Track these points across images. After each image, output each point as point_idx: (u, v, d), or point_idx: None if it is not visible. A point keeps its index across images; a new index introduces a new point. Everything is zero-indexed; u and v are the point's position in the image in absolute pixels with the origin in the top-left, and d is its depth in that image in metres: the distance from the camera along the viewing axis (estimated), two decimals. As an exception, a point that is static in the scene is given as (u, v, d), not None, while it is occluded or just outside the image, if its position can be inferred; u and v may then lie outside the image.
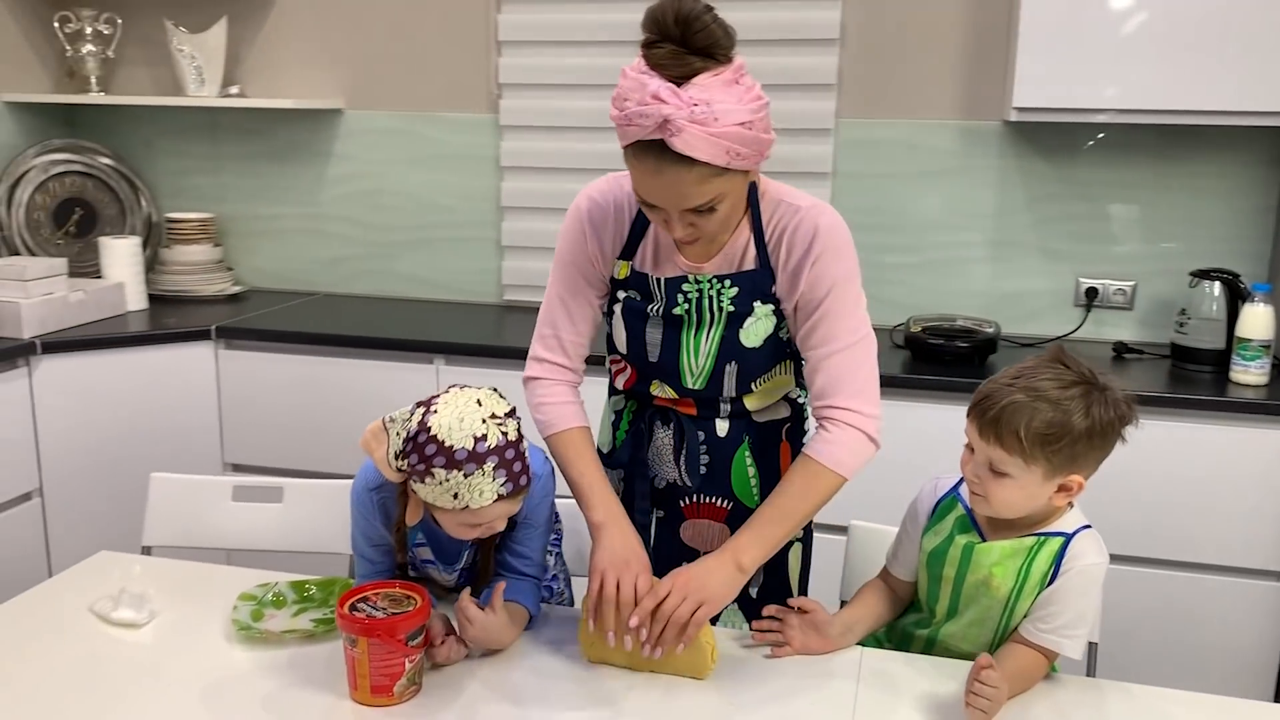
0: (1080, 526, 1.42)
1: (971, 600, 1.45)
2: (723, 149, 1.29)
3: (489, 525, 1.39)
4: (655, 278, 1.52)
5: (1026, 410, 1.32)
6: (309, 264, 3.30)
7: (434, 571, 1.55)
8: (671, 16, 1.27)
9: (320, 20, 3.13)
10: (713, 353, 1.53)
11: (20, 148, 3.12)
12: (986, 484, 1.38)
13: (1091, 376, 1.36)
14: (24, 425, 2.59)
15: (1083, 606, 1.39)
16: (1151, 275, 2.75)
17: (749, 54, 2.79)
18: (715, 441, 1.61)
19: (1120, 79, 2.40)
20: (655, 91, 1.26)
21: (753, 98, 1.31)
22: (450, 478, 1.30)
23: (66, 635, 1.48)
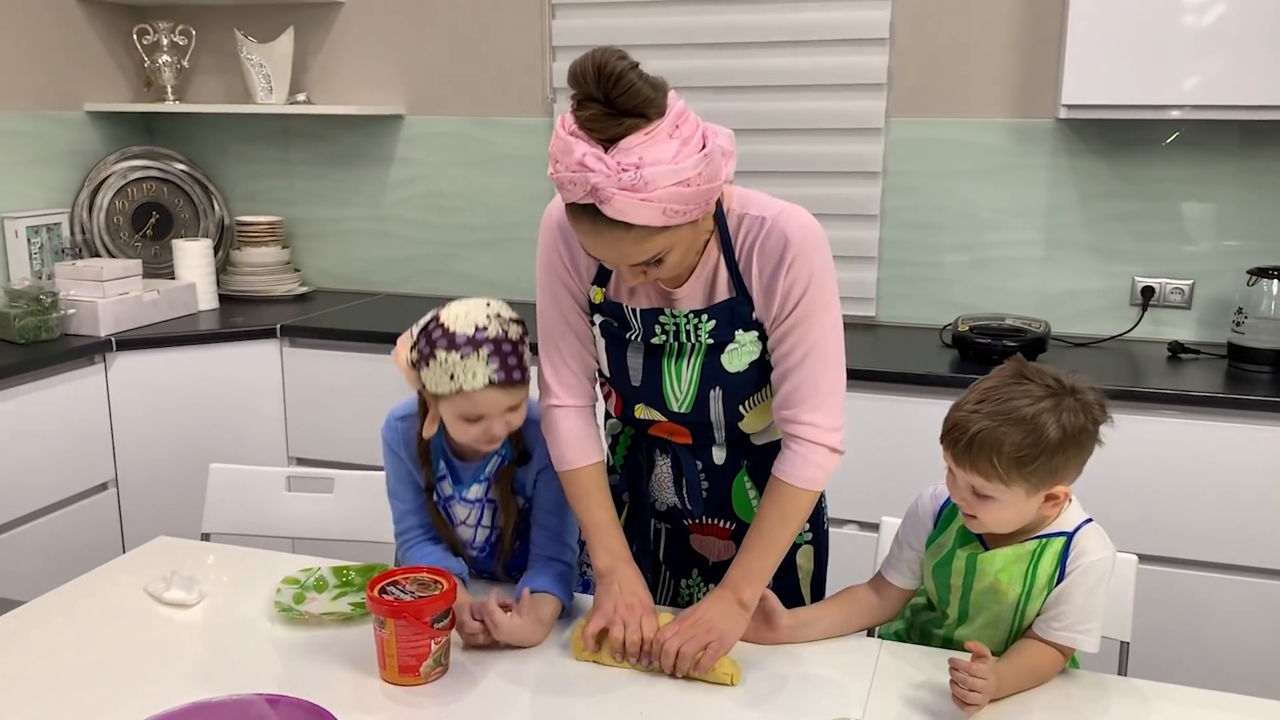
0: (1081, 523, 1.42)
1: (981, 606, 1.46)
2: (658, 210, 1.23)
3: (487, 424, 1.46)
4: (630, 308, 1.48)
5: (996, 435, 1.31)
6: (372, 265, 3.40)
7: (463, 530, 1.61)
8: (593, 76, 1.20)
9: (382, 29, 3.22)
10: (695, 380, 1.50)
11: (101, 155, 3.27)
12: (974, 506, 1.38)
13: (1058, 385, 1.35)
14: (100, 419, 2.73)
15: (1093, 602, 1.39)
16: (1210, 274, 2.70)
17: (800, 55, 2.84)
18: (713, 469, 1.60)
19: (1172, 76, 2.36)
20: (581, 159, 1.21)
21: (691, 150, 1.24)
22: (448, 359, 1.41)
23: (121, 614, 1.57)
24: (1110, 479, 2.30)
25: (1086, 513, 1.44)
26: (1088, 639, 1.40)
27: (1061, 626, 1.39)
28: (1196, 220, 2.69)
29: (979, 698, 1.29)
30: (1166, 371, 2.46)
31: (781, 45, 2.86)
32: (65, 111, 3.18)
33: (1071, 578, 1.39)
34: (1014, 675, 1.36)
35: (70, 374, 2.64)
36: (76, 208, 3.18)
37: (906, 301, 2.92)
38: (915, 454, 1.56)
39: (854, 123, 2.85)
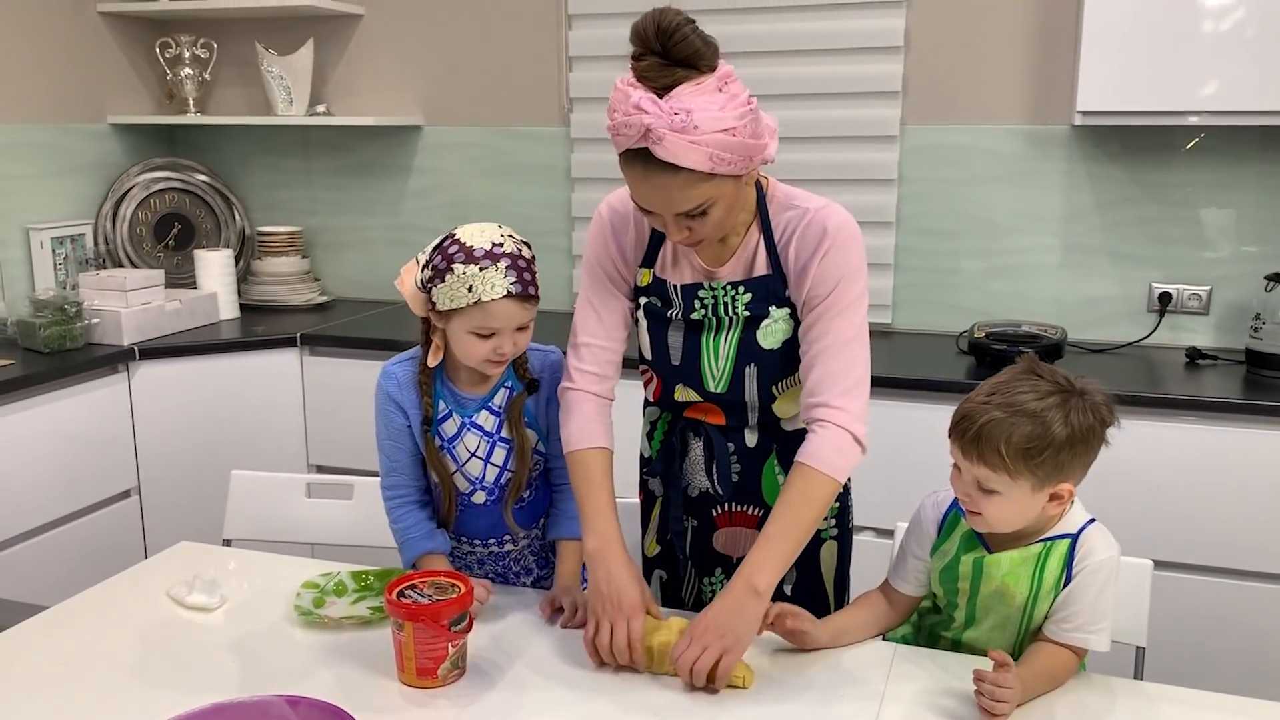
0: (1084, 523, 1.42)
1: (989, 609, 1.46)
2: (705, 155, 1.33)
3: (498, 340, 1.50)
4: (672, 284, 1.57)
5: (1005, 426, 1.32)
6: (391, 274, 3.39)
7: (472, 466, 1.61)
8: (653, 30, 1.32)
9: (400, 41, 3.26)
10: (731, 355, 1.56)
11: (125, 166, 3.32)
12: (978, 502, 1.38)
13: (1068, 384, 1.36)
14: (123, 427, 2.76)
15: (1102, 602, 1.39)
16: (1228, 279, 2.69)
17: (815, 63, 2.86)
18: (745, 452, 1.64)
19: (1187, 81, 2.36)
20: (637, 102, 1.31)
21: (737, 104, 1.35)
22: (467, 271, 1.47)
23: (144, 617, 1.60)
24: (1128, 485, 2.30)
25: (1090, 514, 1.44)
26: (1099, 639, 1.40)
27: (1073, 628, 1.40)
28: (1214, 226, 2.68)
29: (1006, 708, 1.29)
30: (1184, 377, 2.46)
31: (797, 54, 2.87)
32: (89, 124, 3.22)
33: (1079, 579, 1.39)
34: (1034, 680, 1.36)
35: (94, 382, 2.67)
36: (100, 219, 3.23)
37: (923, 308, 2.92)
38: (931, 461, 1.57)
39: (870, 130, 2.86)
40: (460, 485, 1.62)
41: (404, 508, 1.65)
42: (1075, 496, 1.43)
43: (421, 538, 1.65)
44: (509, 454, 1.59)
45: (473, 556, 1.70)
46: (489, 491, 1.62)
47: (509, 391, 1.60)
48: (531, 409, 1.61)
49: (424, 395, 1.60)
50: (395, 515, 1.66)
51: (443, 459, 1.61)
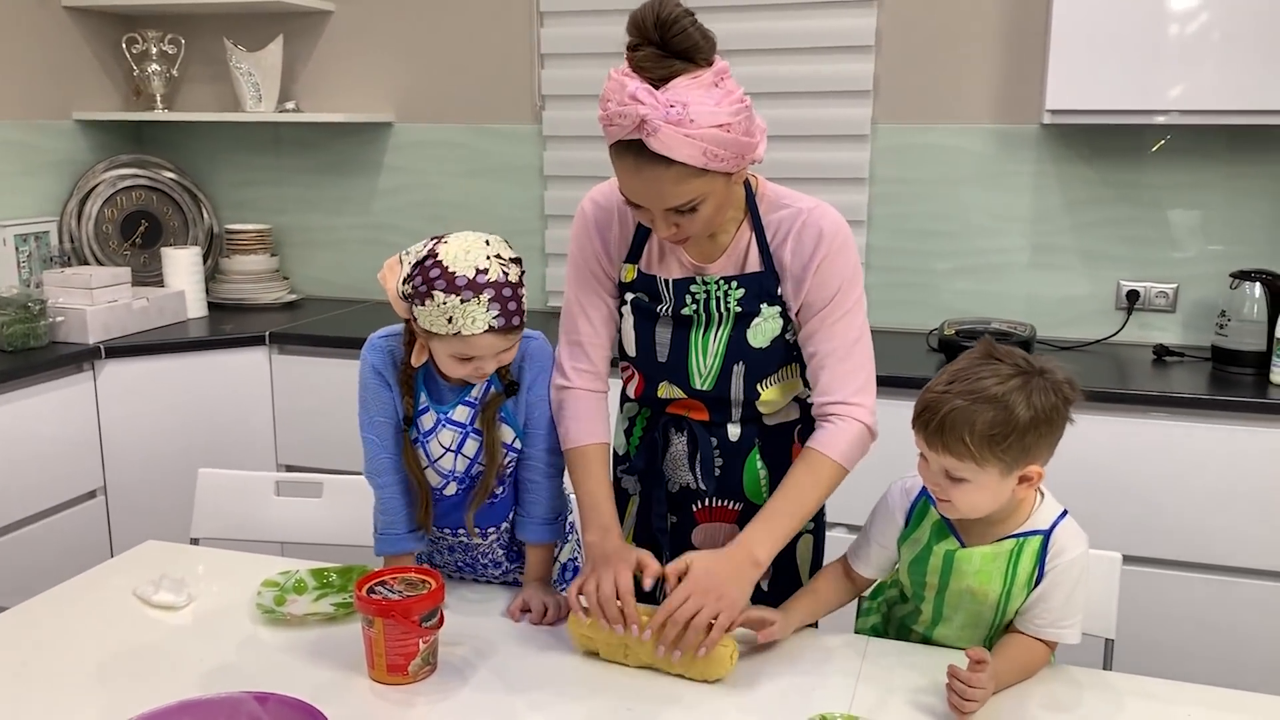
0: (1055, 519, 1.42)
1: (958, 606, 1.46)
2: (699, 149, 1.32)
3: (479, 363, 1.46)
4: (662, 279, 1.56)
5: (968, 414, 1.31)
6: (362, 273, 3.40)
7: (443, 462, 1.58)
8: (651, 20, 1.32)
9: (370, 38, 3.24)
10: (720, 352, 1.56)
11: (90, 163, 3.28)
12: (947, 490, 1.37)
13: (1027, 365, 1.35)
14: (89, 426, 2.72)
15: (1075, 597, 1.40)
16: (1194, 278, 2.72)
17: (787, 62, 2.86)
18: (727, 446, 1.63)
19: (1154, 81, 2.38)
20: (633, 93, 1.30)
21: (732, 101, 1.34)
22: (447, 301, 1.40)
23: (110, 616, 1.57)
24: (1096, 480, 2.32)
25: (1060, 504, 1.44)
26: (1072, 633, 1.41)
27: (1046, 623, 1.41)
28: (1181, 225, 2.71)
29: (974, 706, 1.29)
30: (1152, 374, 2.48)
31: (768, 53, 2.88)
32: (54, 120, 3.18)
33: (1051, 577, 1.40)
34: (1006, 672, 1.37)
35: (59, 381, 2.63)
36: (65, 216, 3.19)
37: (894, 306, 2.94)
38: (902, 456, 1.57)
39: (841, 129, 2.87)
40: (432, 480, 1.60)
41: (391, 488, 1.60)
42: (1045, 489, 1.44)
43: (402, 536, 1.62)
44: (480, 448, 1.57)
45: (443, 543, 1.69)
46: (460, 481, 1.60)
47: (487, 385, 1.57)
48: (510, 406, 1.59)
49: (405, 394, 1.57)
50: (381, 498, 1.62)
51: (415, 453, 1.59)
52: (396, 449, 1.59)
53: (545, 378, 1.61)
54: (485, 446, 1.56)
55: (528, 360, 1.59)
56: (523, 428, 1.60)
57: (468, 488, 1.60)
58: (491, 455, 1.56)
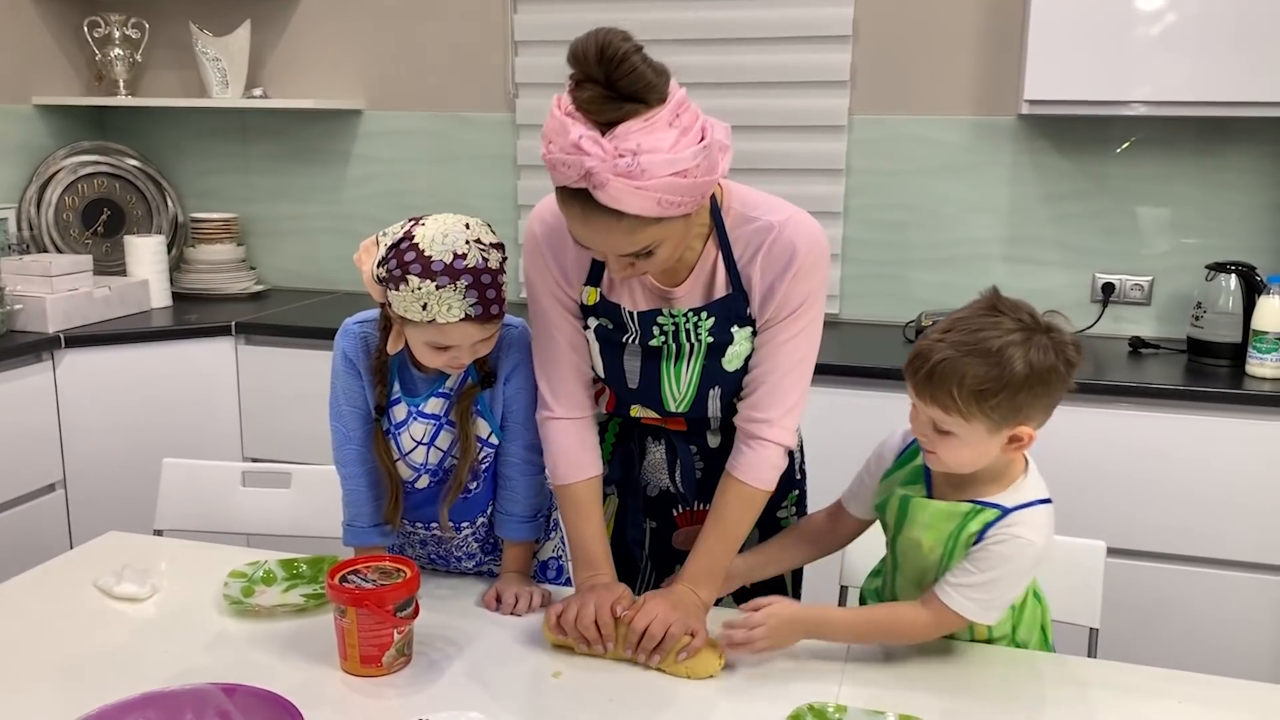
0: (1026, 503, 1.34)
1: (905, 555, 1.43)
2: (653, 200, 1.19)
3: (455, 353, 1.40)
4: (627, 310, 1.45)
5: (958, 367, 1.25)
6: (331, 263, 3.34)
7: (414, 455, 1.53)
8: (594, 56, 1.16)
9: (340, 23, 3.18)
10: (694, 381, 1.49)
11: (50, 149, 3.19)
12: (934, 442, 1.32)
13: (1031, 321, 1.29)
14: (48, 418, 2.65)
15: (999, 575, 1.32)
16: (1170, 270, 2.72)
17: (763, 52, 2.84)
18: (708, 452, 1.59)
19: (1135, 73, 2.38)
20: (576, 141, 1.16)
21: (690, 141, 1.20)
22: (422, 286, 1.33)
23: (71, 609, 1.52)
24: (1072, 472, 2.32)
25: (1046, 494, 1.37)
26: (973, 607, 1.33)
27: (953, 583, 1.33)
28: (1156, 217, 2.71)
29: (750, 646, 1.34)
30: (1128, 366, 2.48)
31: (745, 42, 2.85)
32: (13, 105, 3.10)
33: (986, 542, 1.32)
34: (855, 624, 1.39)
35: (17, 371, 2.56)
36: (24, 203, 3.11)
37: (871, 298, 2.92)
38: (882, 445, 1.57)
39: (818, 120, 2.85)
40: (404, 473, 1.55)
41: (357, 479, 1.56)
42: (1038, 473, 1.40)
43: (368, 529, 1.58)
44: (454, 441, 1.52)
45: (415, 537, 1.64)
46: (433, 475, 1.55)
47: (463, 376, 1.51)
48: (486, 399, 1.53)
49: (377, 383, 1.51)
50: (346, 490, 1.57)
51: (387, 444, 1.53)
52: (364, 440, 1.54)
53: (526, 368, 1.53)
54: (459, 440, 1.51)
55: (506, 349, 1.52)
56: (500, 421, 1.55)
57: (440, 481, 1.55)
58: (465, 449, 1.51)
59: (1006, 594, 1.36)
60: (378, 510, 1.57)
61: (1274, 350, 2.31)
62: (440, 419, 1.51)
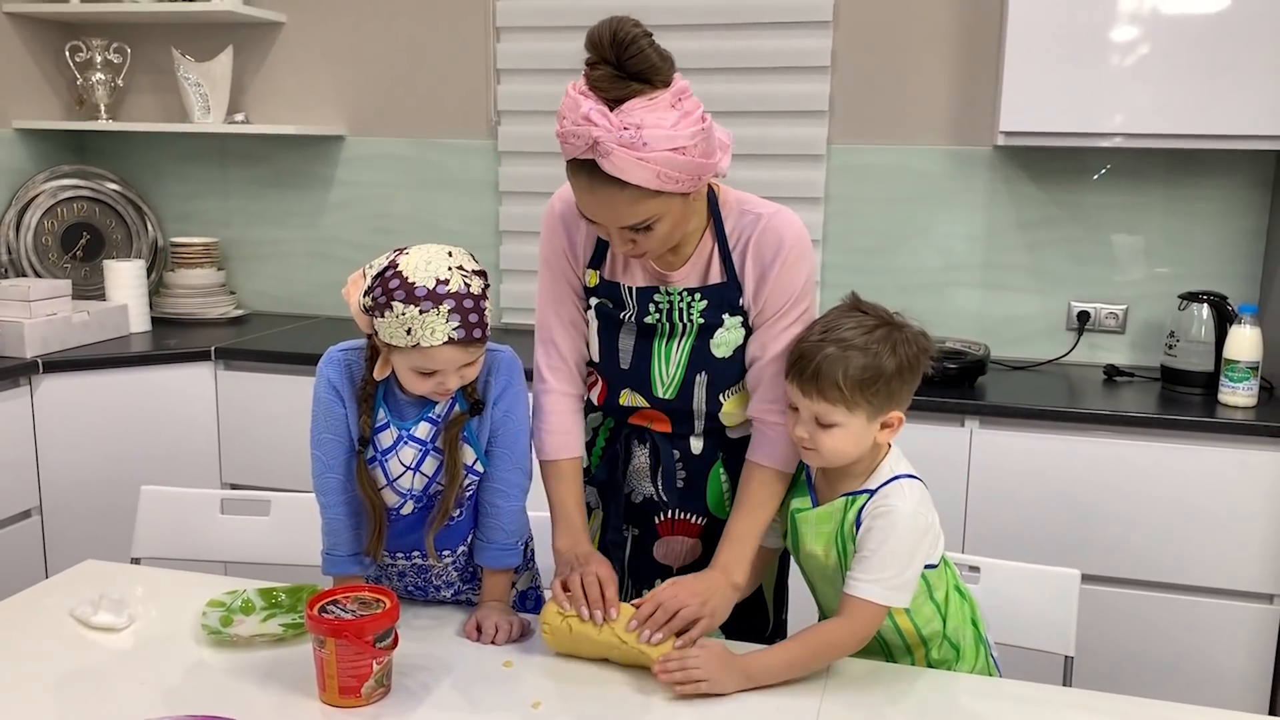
0: (889, 479, 1.44)
1: (813, 572, 1.52)
2: (653, 173, 1.31)
3: (440, 378, 1.42)
4: (626, 286, 1.55)
5: (840, 361, 1.38)
6: (311, 288, 3.35)
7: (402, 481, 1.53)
8: (608, 39, 1.30)
9: (323, 49, 3.19)
10: (683, 362, 1.56)
11: (30, 173, 3.19)
12: (817, 438, 1.42)
13: (889, 318, 1.44)
14: (25, 444, 2.63)
15: (886, 550, 1.40)
16: (1143, 299, 2.76)
17: (743, 82, 2.87)
18: (690, 459, 1.63)
19: (1107, 104, 2.42)
20: (586, 113, 1.29)
21: (690, 122, 1.33)
22: (406, 311, 1.36)
23: (47, 638, 1.51)
24: (1047, 498, 2.34)
25: (909, 470, 1.46)
26: (876, 589, 1.39)
27: (853, 576, 1.41)
28: (1129, 247, 2.75)
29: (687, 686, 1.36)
30: (1102, 394, 2.51)
31: (725, 71, 2.89)
32: (-8, 128, 3.10)
33: (865, 523, 1.42)
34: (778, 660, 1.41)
35: (-7, 396, 2.55)
36: (3, 227, 3.10)
37: (849, 326, 2.94)
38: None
39: (797, 149, 2.88)
40: (389, 500, 1.55)
41: (336, 508, 1.55)
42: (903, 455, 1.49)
43: (347, 558, 1.58)
44: (440, 466, 1.53)
45: (394, 569, 1.64)
46: (417, 500, 1.55)
47: (451, 402, 1.52)
48: (473, 425, 1.54)
49: (362, 413, 1.51)
50: (325, 518, 1.57)
51: (372, 473, 1.53)
52: (344, 469, 1.54)
53: (512, 391, 1.55)
54: (446, 466, 1.52)
55: (494, 373, 1.54)
56: (486, 446, 1.55)
57: (424, 507, 1.55)
58: (453, 477, 1.51)
59: (903, 569, 1.41)
60: (356, 539, 1.57)
61: (1245, 379, 2.34)
62: (427, 445, 1.52)
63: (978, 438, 2.38)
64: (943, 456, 2.39)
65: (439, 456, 1.52)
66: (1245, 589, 2.30)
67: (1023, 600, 1.69)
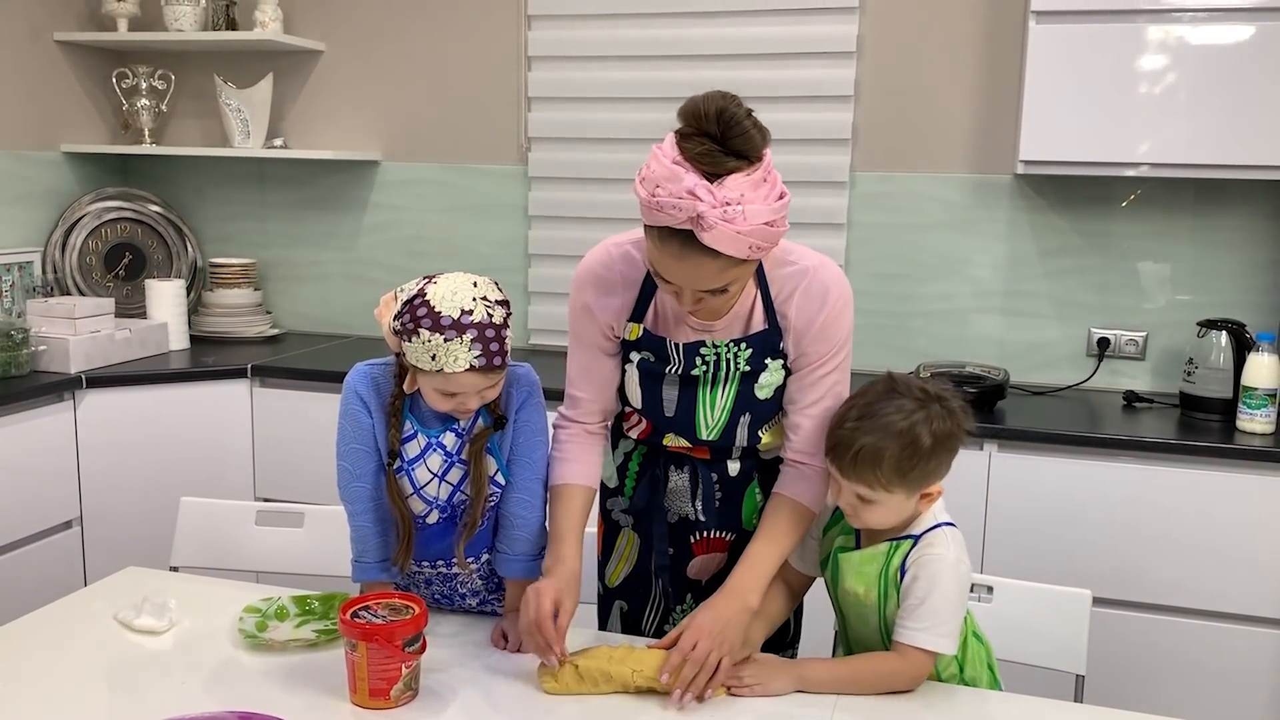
0: (932, 526, 1.49)
1: (849, 609, 1.55)
2: (746, 244, 1.35)
3: (462, 399, 1.49)
4: (672, 342, 1.58)
5: (877, 450, 1.41)
6: (346, 308, 3.43)
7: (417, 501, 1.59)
8: (714, 116, 1.33)
9: (360, 77, 3.29)
10: (728, 407, 1.61)
11: (77, 195, 3.30)
12: (859, 511, 1.48)
13: (924, 395, 1.46)
14: (67, 456, 2.72)
15: (934, 600, 1.44)
16: (1163, 326, 2.79)
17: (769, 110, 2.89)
18: (727, 480, 1.68)
19: (1123, 135, 2.46)
20: (691, 188, 1.31)
21: (777, 195, 1.38)
22: (431, 339, 1.43)
23: (91, 640, 1.58)
24: (1066, 522, 2.36)
25: (949, 518, 1.51)
26: (927, 637, 1.44)
27: (904, 625, 1.46)
28: (1150, 275, 2.78)
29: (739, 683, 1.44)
30: (1122, 420, 2.53)
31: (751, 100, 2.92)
32: (42, 151, 3.21)
33: (911, 572, 1.46)
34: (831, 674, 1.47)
35: (39, 410, 2.63)
36: (49, 247, 3.20)
37: (870, 349, 2.97)
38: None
39: (821, 176, 2.93)
40: (416, 508, 1.61)
41: (364, 516, 1.62)
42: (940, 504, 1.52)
43: (375, 565, 1.64)
44: (464, 476, 1.59)
45: (420, 577, 1.70)
46: (442, 509, 1.61)
47: (475, 416, 1.59)
48: (496, 440, 1.60)
49: (391, 427, 1.58)
50: (355, 524, 1.63)
51: (399, 482, 1.60)
52: (371, 479, 1.60)
53: (532, 403, 1.62)
54: (471, 479, 1.58)
55: (515, 386, 1.62)
56: (508, 457, 1.61)
57: (448, 517, 1.62)
58: (479, 489, 1.58)
59: (950, 615, 1.45)
60: (384, 546, 1.63)
61: (1264, 406, 2.36)
62: (453, 456, 1.58)
63: (996, 461, 2.41)
64: (961, 479, 2.39)
65: (463, 467, 1.58)
66: (1262, 614, 2.31)
67: (1035, 620, 1.72)
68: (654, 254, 1.42)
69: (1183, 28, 2.40)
